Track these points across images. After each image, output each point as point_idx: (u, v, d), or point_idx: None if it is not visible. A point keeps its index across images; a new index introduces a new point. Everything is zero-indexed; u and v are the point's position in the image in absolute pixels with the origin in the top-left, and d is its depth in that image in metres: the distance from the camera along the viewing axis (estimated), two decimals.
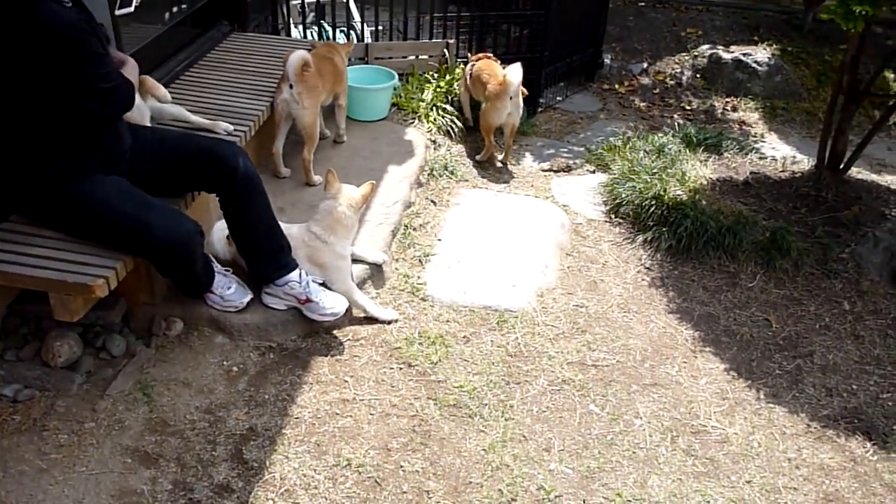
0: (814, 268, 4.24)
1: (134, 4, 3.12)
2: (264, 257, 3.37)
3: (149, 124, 3.45)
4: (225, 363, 3.27)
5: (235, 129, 3.81)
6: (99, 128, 2.97)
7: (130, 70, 3.15)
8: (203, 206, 3.57)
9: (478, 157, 5.13)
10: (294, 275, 3.36)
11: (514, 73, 4.82)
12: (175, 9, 4.35)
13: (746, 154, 5.30)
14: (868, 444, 3.23)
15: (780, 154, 5.69)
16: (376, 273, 3.79)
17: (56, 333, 3.12)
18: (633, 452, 3.08)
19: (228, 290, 3.38)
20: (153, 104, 3.54)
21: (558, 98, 6.73)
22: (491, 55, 5.32)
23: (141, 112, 3.38)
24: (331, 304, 3.43)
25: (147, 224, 2.92)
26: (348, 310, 3.50)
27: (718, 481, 2.98)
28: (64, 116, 2.85)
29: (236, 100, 4.14)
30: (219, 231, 3.52)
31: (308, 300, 3.37)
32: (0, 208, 3.02)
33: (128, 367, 3.18)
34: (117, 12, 3.10)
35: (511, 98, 4.87)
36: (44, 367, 3.09)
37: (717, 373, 3.54)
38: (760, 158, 5.33)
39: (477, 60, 5.21)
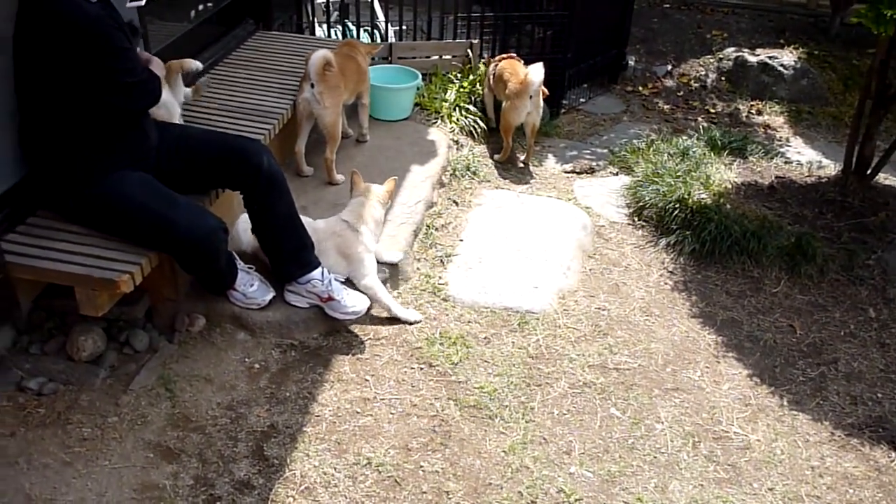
0: (839, 274, 4.20)
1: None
2: (287, 255, 3.38)
3: (177, 121, 3.47)
4: (247, 360, 3.29)
5: (260, 128, 3.83)
6: (125, 123, 3.00)
7: (156, 68, 3.17)
8: (227, 203, 3.59)
9: (496, 158, 5.12)
10: (317, 273, 3.37)
11: (536, 72, 4.81)
12: (201, 7, 4.38)
13: (772, 158, 5.26)
14: (893, 454, 3.19)
15: (806, 159, 5.64)
16: (397, 273, 3.79)
17: (81, 328, 3.14)
18: (654, 457, 3.06)
19: (251, 288, 3.40)
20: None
21: (581, 99, 6.70)
22: (514, 55, 5.30)
23: (168, 109, 3.40)
24: (352, 302, 3.43)
25: (172, 221, 2.94)
26: (369, 308, 3.50)
27: (740, 488, 2.96)
28: (89, 111, 2.88)
29: (260, 98, 4.16)
30: (243, 223, 3.53)
31: (330, 298, 3.38)
32: (27, 203, 3.05)
33: (151, 362, 3.20)
34: (128, 5, 3.13)
35: (531, 97, 4.86)
36: (68, 361, 3.12)
37: (739, 378, 3.51)
38: (786, 163, 5.29)
39: (499, 61, 5.20)
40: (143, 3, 3.21)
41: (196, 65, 3.69)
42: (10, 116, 2.94)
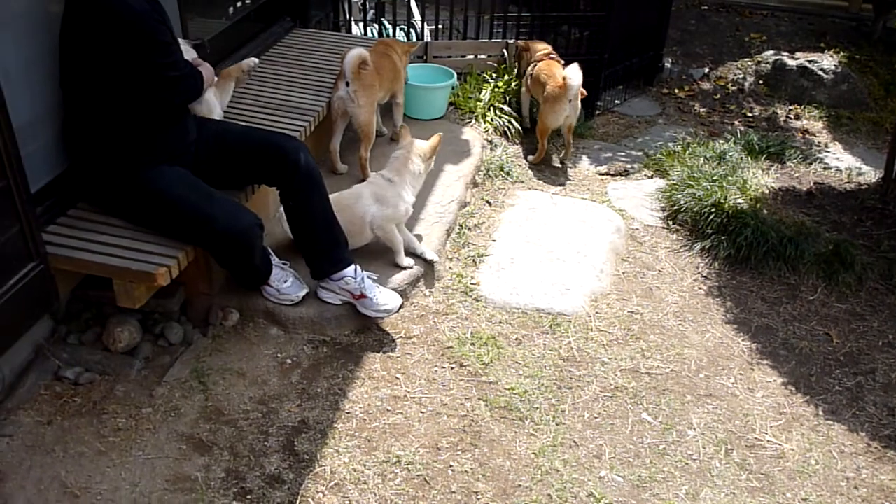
0: (878, 283, 4.13)
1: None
2: (321, 251, 3.39)
3: (216, 118, 3.50)
4: (279, 355, 3.31)
5: (296, 125, 3.86)
6: (166, 117, 3.04)
7: (206, 71, 3.20)
8: (262, 199, 3.62)
9: (530, 159, 5.11)
10: (350, 270, 3.38)
11: (574, 75, 4.79)
12: (239, 4, 4.41)
13: (810, 164, 5.19)
14: None
15: (845, 165, 5.55)
16: (430, 272, 3.79)
17: (117, 319, 3.19)
18: (686, 464, 3.03)
19: (285, 284, 3.42)
20: None
21: (616, 101, 6.65)
22: (553, 54, 5.27)
23: (209, 106, 3.43)
24: (384, 300, 3.44)
25: (210, 216, 2.97)
26: (401, 306, 3.51)
27: (773, 498, 2.92)
28: (132, 104, 2.91)
29: (296, 95, 4.18)
30: None
31: (362, 296, 3.39)
32: (68, 195, 3.09)
33: (185, 354, 3.23)
34: None
35: (570, 101, 4.83)
36: (104, 351, 3.16)
37: (774, 386, 3.47)
38: (825, 168, 5.21)
39: (538, 61, 5.15)
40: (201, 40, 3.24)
41: (253, 62, 3.79)
42: (55, 108, 2.99)
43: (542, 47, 5.34)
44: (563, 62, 5.14)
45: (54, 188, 3.05)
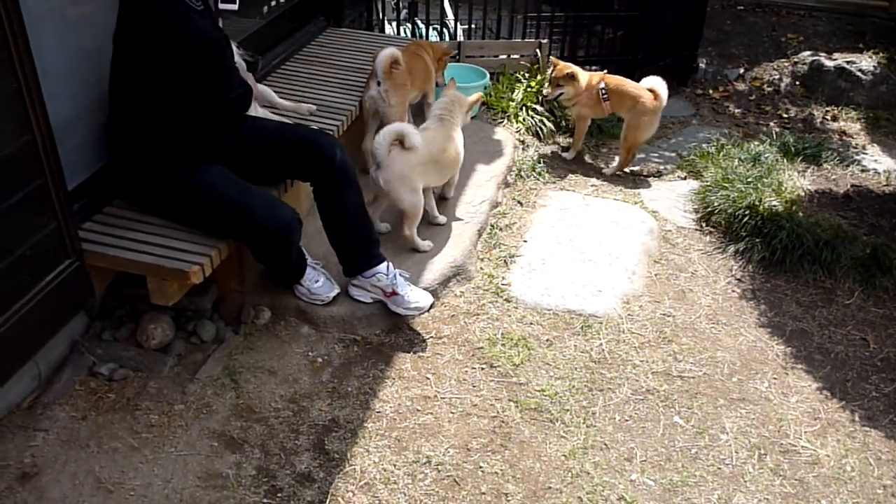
0: None
1: (238, 1, 3.21)
2: (355, 248, 3.41)
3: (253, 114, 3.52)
4: (310, 354, 3.32)
5: (329, 124, 3.87)
6: (216, 128, 3.09)
7: (251, 80, 3.26)
8: (295, 196, 3.63)
9: (609, 170, 5.15)
10: (382, 267, 3.39)
11: (663, 87, 4.94)
12: (273, 3, 4.44)
13: (847, 166, 5.11)
14: None
15: (883, 167, 5.46)
16: (462, 272, 3.78)
17: (150, 316, 3.22)
18: (718, 468, 2.99)
19: (316, 284, 3.43)
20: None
21: None
22: (604, 70, 5.20)
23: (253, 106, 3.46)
24: (415, 298, 3.44)
25: (251, 209, 3.02)
26: (432, 305, 3.50)
27: None
28: (183, 115, 2.97)
29: (330, 94, 4.20)
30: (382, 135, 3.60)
31: (394, 293, 3.39)
32: (104, 192, 3.13)
33: (217, 352, 3.26)
34: (221, 6, 3.19)
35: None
36: (138, 348, 3.19)
37: (808, 391, 3.41)
38: (862, 171, 5.13)
39: (601, 80, 4.98)
40: (235, 7, 3.26)
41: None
42: (93, 106, 3.03)
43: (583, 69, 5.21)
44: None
45: (91, 185, 3.09)
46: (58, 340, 3.04)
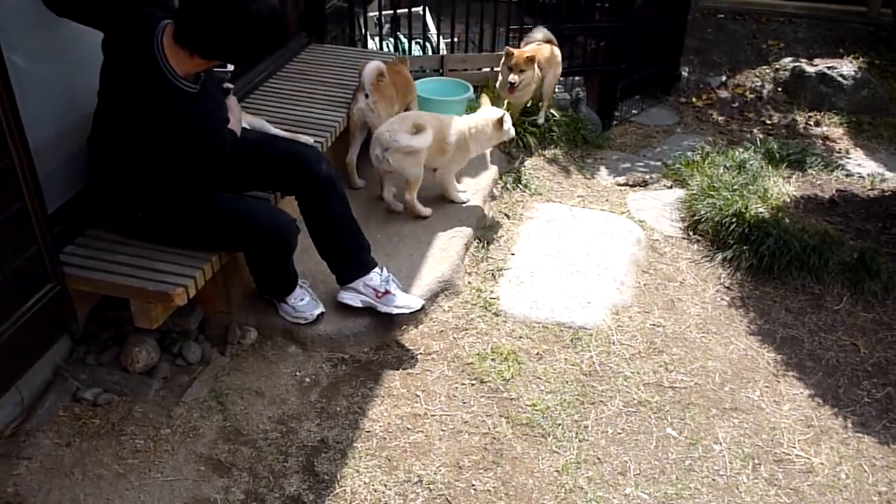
0: None
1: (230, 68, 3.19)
2: (346, 256, 3.39)
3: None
4: (297, 374, 3.28)
5: (314, 140, 3.84)
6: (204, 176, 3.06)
7: (234, 107, 3.18)
8: (287, 203, 3.60)
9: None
10: (375, 269, 3.37)
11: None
12: None
13: (832, 171, 5.12)
14: None
15: (867, 171, 5.48)
16: (450, 287, 3.76)
17: (135, 339, 3.17)
18: (713, 479, 2.97)
19: (301, 302, 3.39)
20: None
21: (633, 111, 6.63)
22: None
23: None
24: (406, 299, 3.43)
25: (250, 213, 3.04)
26: (422, 309, 3.49)
27: None
28: (170, 168, 2.94)
29: (314, 110, 4.17)
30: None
31: (386, 292, 3.38)
32: (86, 215, 3.09)
33: (203, 374, 3.21)
34: (216, 71, 3.13)
35: None
36: (122, 371, 3.14)
37: (801, 399, 3.40)
38: (846, 175, 5.14)
39: (514, 54, 4.94)
40: (230, 71, 3.21)
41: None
42: (72, 129, 2.99)
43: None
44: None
45: (71, 208, 3.04)
46: (41, 366, 2.99)
